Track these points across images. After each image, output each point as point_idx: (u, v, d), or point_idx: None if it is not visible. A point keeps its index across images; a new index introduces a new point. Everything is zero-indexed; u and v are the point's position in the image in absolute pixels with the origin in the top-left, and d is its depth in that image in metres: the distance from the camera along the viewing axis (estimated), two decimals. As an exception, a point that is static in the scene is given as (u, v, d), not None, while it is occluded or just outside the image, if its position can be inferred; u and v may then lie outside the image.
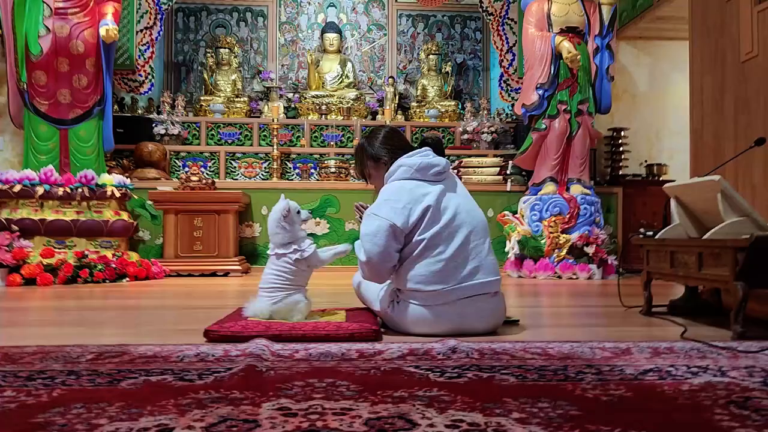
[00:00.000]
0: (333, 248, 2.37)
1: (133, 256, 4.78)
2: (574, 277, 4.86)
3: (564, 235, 4.98)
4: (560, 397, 1.31)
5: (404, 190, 2.14)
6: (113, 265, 4.46)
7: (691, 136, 5.17)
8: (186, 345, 1.88)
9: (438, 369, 1.57)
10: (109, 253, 4.60)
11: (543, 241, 5.01)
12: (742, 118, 4.46)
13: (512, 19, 6.29)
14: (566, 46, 5.04)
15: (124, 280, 4.49)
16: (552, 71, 5.15)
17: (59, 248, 4.51)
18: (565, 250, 4.94)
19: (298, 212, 2.29)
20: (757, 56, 4.27)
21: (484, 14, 6.48)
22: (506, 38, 6.33)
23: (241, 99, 6.96)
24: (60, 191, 4.54)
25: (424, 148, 2.27)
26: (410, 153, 2.25)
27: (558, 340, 1.99)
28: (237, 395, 1.30)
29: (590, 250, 4.89)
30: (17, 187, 4.47)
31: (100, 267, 4.38)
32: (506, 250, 5.25)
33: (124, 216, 4.86)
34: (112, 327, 2.52)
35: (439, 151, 2.29)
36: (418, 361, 1.66)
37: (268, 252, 2.30)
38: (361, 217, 2.35)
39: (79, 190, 4.60)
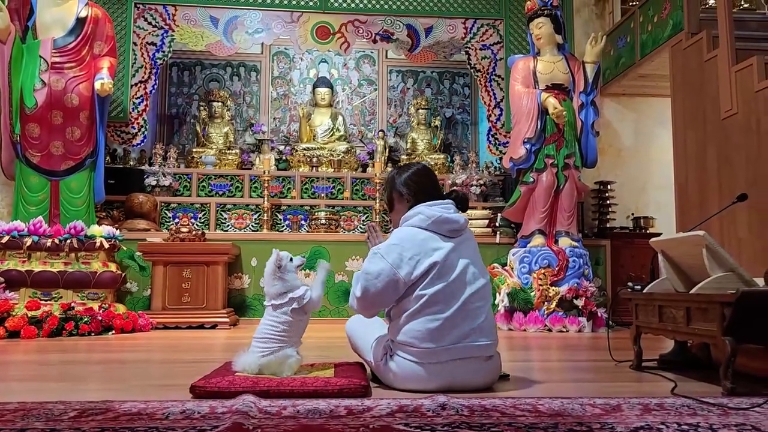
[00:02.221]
0: (317, 281, 2.33)
1: (120, 308, 4.72)
2: (564, 330, 4.84)
3: (553, 288, 4.98)
4: (551, 456, 1.30)
5: (416, 239, 2.12)
6: (99, 318, 4.39)
7: (676, 191, 5.27)
8: (171, 401, 1.85)
9: (428, 427, 1.55)
10: (95, 305, 4.55)
11: (533, 294, 5.01)
12: (725, 172, 4.57)
13: (499, 76, 6.47)
14: (552, 103, 5.18)
15: (109, 333, 4.41)
16: (539, 126, 5.27)
17: (45, 300, 4.46)
18: (554, 303, 4.93)
19: (291, 260, 2.30)
20: (737, 114, 4.41)
21: (472, 71, 6.67)
22: (494, 94, 6.50)
23: (233, 151, 7.02)
24: (48, 242, 4.53)
25: (446, 201, 2.23)
26: (432, 202, 2.21)
27: (548, 396, 1.98)
28: (223, 455, 1.28)
29: (580, 302, 4.90)
30: (5, 239, 4.45)
31: (85, 319, 4.32)
32: (496, 302, 5.24)
33: (113, 267, 4.83)
34: (96, 382, 2.47)
35: (463, 207, 2.27)
36: (408, 419, 1.64)
37: (265, 304, 2.28)
38: (369, 237, 2.32)
39: (68, 241, 4.59)
